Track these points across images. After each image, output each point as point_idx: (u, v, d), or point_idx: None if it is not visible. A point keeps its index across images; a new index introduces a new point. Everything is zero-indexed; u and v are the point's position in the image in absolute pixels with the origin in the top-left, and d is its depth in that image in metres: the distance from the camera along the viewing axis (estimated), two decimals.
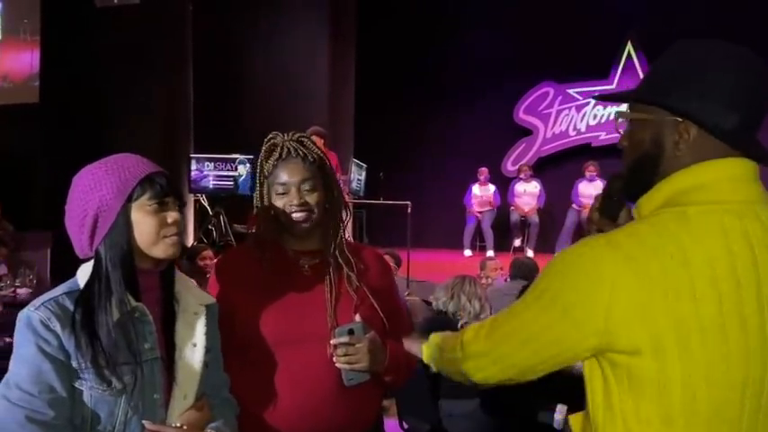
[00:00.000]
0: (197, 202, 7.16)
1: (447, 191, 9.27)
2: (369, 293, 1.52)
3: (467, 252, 8.58)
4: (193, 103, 7.15)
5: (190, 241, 6.51)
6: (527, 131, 9.61)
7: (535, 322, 1.02)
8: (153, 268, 1.24)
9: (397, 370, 1.53)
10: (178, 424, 1.21)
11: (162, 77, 6.63)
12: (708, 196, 0.97)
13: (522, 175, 8.64)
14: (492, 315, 3.08)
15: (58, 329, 1.12)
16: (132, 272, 1.19)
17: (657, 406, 0.93)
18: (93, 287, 1.17)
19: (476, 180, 8.76)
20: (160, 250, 1.20)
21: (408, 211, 6.64)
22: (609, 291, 0.93)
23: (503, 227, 8.68)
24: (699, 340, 0.90)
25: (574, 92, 9.42)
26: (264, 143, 1.52)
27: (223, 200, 6.85)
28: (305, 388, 1.43)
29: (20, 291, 3.97)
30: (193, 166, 6.87)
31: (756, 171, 1.00)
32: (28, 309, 1.14)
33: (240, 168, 6.79)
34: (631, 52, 8.98)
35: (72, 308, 1.15)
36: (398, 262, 4.99)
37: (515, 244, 8.52)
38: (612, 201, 1.20)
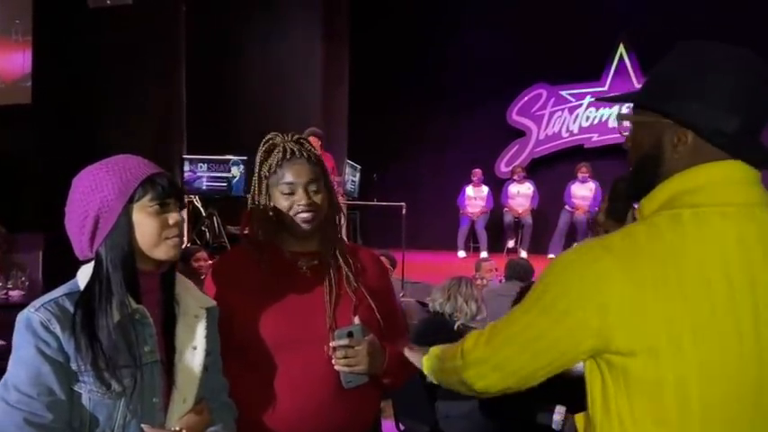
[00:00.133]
0: (190, 203, 7.14)
1: (441, 192, 9.28)
2: (367, 295, 1.52)
3: (461, 253, 8.59)
4: (186, 104, 7.12)
5: (183, 242, 6.48)
6: (520, 133, 9.65)
7: (533, 326, 1.02)
8: (154, 270, 1.23)
9: (394, 372, 1.53)
10: (177, 428, 1.20)
11: (155, 78, 6.59)
12: (703, 199, 0.97)
13: (516, 177, 8.66)
14: (487, 316, 3.13)
15: (57, 331, 1.11)
16: (133, 273, 1.18)
17: (651, 406, 0.94)
18: (93, 289, 1.16)
19: (469, 181, 8.78)
20: (161, 252, 1.19)
21: (403, 212, 6.64)
22: (603, 293, 0.94)
23: (496, 228, 8.70)
24: (691, 342, 0.91)
25: (566, 93, 9.47)
26: (263, 143, 1.52)
27: (216, 201, 6.83)
28: (304, 390, 1.42)
29: (12, 293, 3.93)
30: (186, 167, 6.86)
31: (757, 173, 1.00)
32: (28, 310, 1.13)
33: (234, 170, 6.78)
34: (623, 54, 9.04)
35: (72, 309, 1.14)
36: (393, 263, 4.99)
37: (509, 245, 8.54)
38: (618, 202, 1.21)
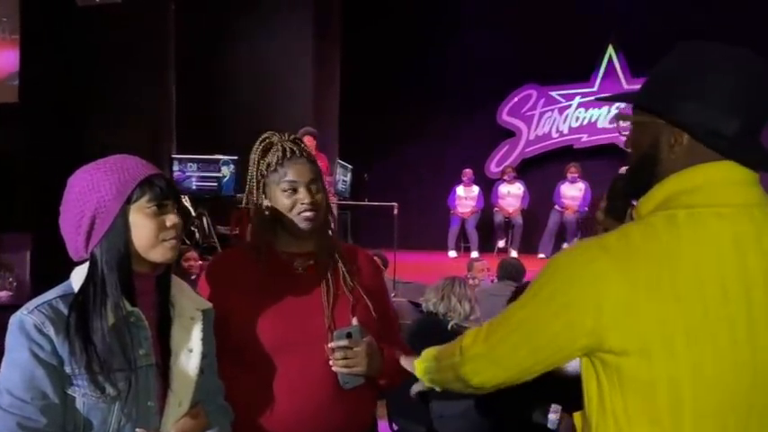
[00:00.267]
0: None
1: (431, 192, 9.29)
2: (363, 294, 1.51)
3: (451, 253, 8.60)
4: (176, 103, 7.08)
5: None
6: (510, 133, 9.67)
7: (530, 323, 1.03)
8: (149, 272, 1.21)
9: (391, 373, 1.53)
10: None
11: (144, 77, 6.54)
12: (698, 199, 0.97)
13: (506, 177, 8.68)
14: (480, 316, 3.13)
15: (51, 334, 1.10)
16: (129, 275, 1.16)
17: (645, 406, 0.94)
18: (87, 291, 1.14)
19: (459, 181, 8.79)
20: (158, 254, 1.18)
21: (395, 212, 6.64)
22: (598, 292, 0.94)
23: (486, 228, 8.72)
24: (684, 342, 0.91)
25: (556, 94, 9.51)
26: (259, 142, 1.51)
27: (206, 201, 6.79)
28: (303, 392, 1.42)
29: None
30: (176, 167, 6.82)
31: (755, 174, 0.99)
32: (21, 312, 1.11)
33: (224, 169, 6.75)
34: (612, 55, 9.09)
35: (66, 312, 1.12)
36: (385, 264, 5.00)
37: (499, 245, 8.57)
38: (617, 201, 1.21)
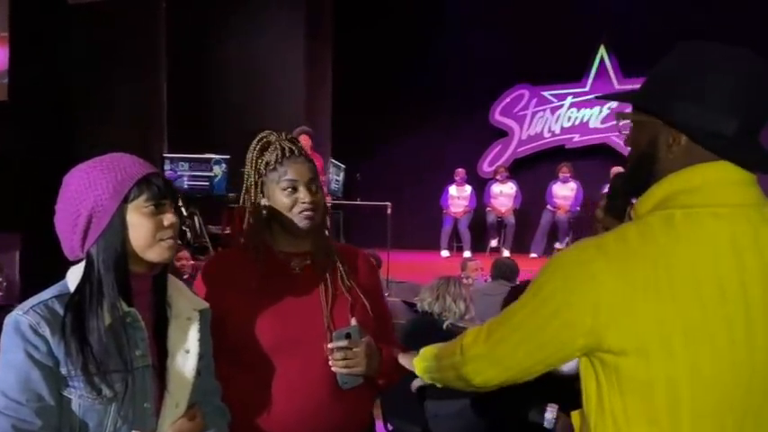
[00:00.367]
0: None
1: (424, 192, 9.28)
2: (361, 294, 1.51)
3: (444, 253, 8.60)
4: (167, 102, 7.04)
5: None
6: (503, 133, 9.69)
7: (529, 323, 1.03)
8: (146, 272, 1.20)
9: (389, 373, 1.53)
10: None
11: (134, 75, 6.50)
12: (695, 199, 0.97)
13: (499, 177, 8.69)
14: (474, 315, 3.13)
15: (47, 335, 1.08)
16: (125, 275, 1.15)
17: (643, 406, 0.94)
18: (83, 291, 1.13)
19: (452, 181, 8.80)
20: (155, 253, 1.16)
21: (388, 212, 6.63)
22: (595, 292, 0.94)
23: (479, 228, 8.73)
24: (682, 342, 0.91)
25: (548, 94, 9.54)
26: (257, 140, 1.50)
27: (198, 200, 6.76)
28: (302, 392, 1.41)
29: None
30: (167, 166, 6.77)
31: (753, 175, 0.99)
32: (16, 312, 1.10)
33: (215, 169, 6.72)
34: (604, 55, 9.13)
35: (62, 312, 1.11)
36: (379, 264, 4.99)
37: (492, 244, 8.58)
38: (616, 199, 1.21)
